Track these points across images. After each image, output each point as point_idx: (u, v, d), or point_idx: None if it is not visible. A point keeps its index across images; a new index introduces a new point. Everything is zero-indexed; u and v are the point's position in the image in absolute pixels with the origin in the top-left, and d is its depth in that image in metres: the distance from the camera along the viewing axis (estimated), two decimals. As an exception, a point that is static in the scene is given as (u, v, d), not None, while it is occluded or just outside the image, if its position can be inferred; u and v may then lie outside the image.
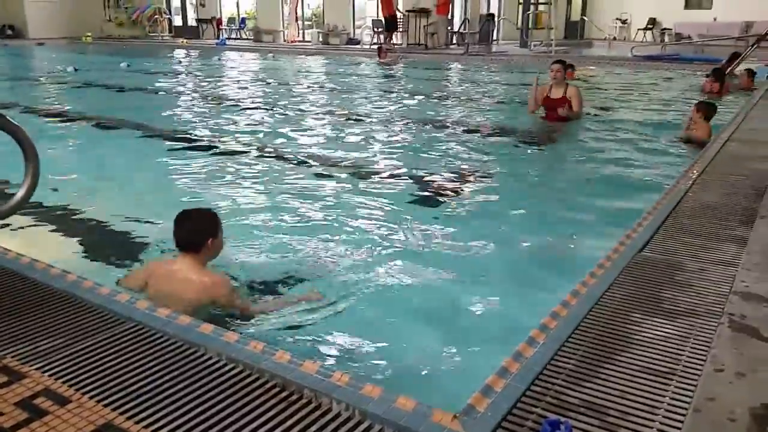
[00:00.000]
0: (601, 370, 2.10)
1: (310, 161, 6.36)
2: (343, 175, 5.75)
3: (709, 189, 4.29)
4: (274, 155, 6.68)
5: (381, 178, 5.63)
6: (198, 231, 2.97)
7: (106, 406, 1.89)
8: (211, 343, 2.25)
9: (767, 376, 2.02)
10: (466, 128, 8.23)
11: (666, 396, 1.95)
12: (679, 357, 2.17)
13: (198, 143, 7.21)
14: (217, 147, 7.03)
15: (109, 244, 4.18)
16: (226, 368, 2.12)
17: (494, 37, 22.61)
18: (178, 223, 2.99)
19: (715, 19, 21.90)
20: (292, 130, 8.08)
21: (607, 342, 2.28)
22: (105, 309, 2.53)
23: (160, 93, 12.15)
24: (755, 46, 12.59)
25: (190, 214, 3.03)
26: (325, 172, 5.89)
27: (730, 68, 11.94)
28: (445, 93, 12.38)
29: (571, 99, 7.64)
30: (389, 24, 21.32)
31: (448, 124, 8.66)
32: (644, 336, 2.32)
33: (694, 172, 4.75)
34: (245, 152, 6.77)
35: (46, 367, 2.09)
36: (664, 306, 2.56)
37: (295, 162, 6.33)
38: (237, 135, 7.77)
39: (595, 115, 8.83)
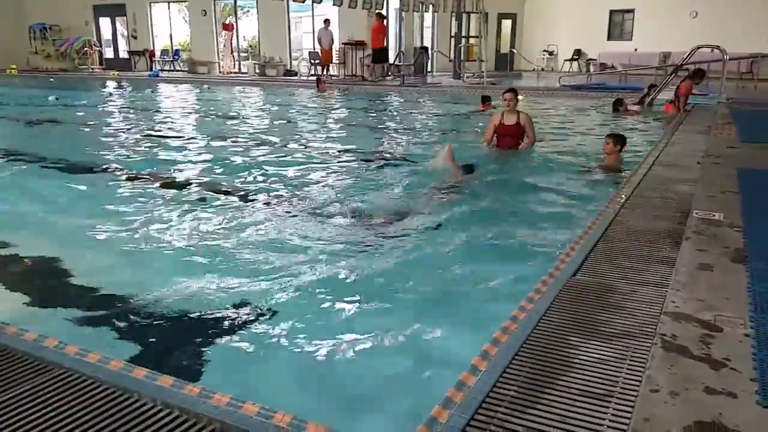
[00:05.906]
0: (542, 395, 2.12)
1: (245, 192, 6.28)
2: (283, 206, 5.69)
3: (637, 212, 4.45)
4: (210, 187, 6.55)
5: (322, 209, 5.59)
6: None
7: (30, 462, 1.78)
8: (144, 389, 2.16)
9: (698, 394, 2.08)
10: (404, 159, 8.30)
11: (605, 418, 1.99)
12: (617, 379, 2.22)
13: (132, 176, 7.01)
14: (152, 180, 6.85)
15: (34, 288, 3.97)
16: (161, 414, 2.03)
17: (429, 69, 23.06)
18: None
19: (635, 50, 23.07)
20: (228, 162, 7.97)
21: (547, 367, 2.31)
22: (30, 356, 2.40)
23: (90, 127, 11.78)
24: (673, 74, 13.34)
25: None
26: (264, 202, 5.83)
27: (650, 98, 12.69)
28: (382, 123, 12.52)
29: (525, 126, 7.97)
30: (378, 57, 20.99)
31: (384, 155, 8.72)
32: (582, 359, 2.37)
33: (622, 196, 4.94)
34: (182, 185, 6.63)
35: (-36, 423, 1.96)
36: (600, 328, 2.63)
37: (229, 193, 6.24)
38: (173, 168, 7.61)
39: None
